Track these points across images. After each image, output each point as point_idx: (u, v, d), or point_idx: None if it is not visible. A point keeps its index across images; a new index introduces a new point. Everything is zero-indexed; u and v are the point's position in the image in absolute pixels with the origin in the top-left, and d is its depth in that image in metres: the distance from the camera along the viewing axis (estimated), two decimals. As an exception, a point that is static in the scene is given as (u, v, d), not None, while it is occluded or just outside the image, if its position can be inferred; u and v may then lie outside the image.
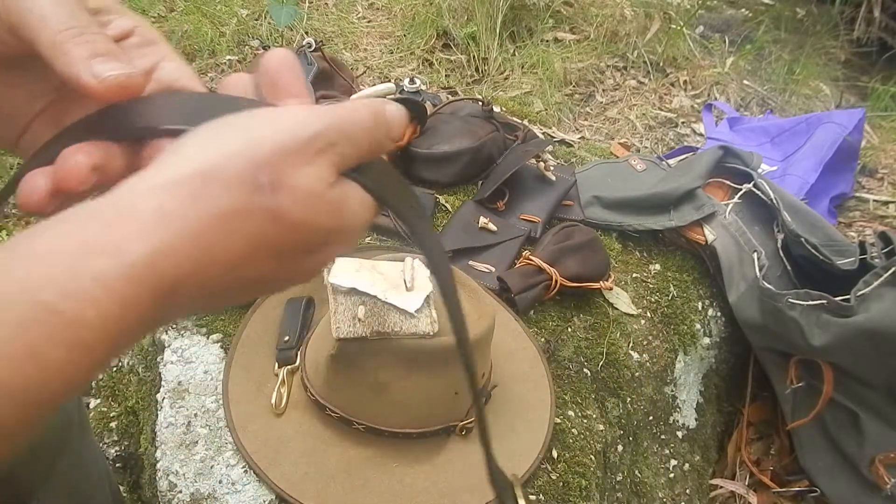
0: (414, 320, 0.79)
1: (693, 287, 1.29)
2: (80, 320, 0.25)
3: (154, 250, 0.27)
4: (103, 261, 0.26)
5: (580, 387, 1.05)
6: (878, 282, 1.13)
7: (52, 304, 0.25)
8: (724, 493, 1.32)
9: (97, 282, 0.26)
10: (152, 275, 0.27)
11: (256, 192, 0.29)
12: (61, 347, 0.24)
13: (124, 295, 0.26)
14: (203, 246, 0.28)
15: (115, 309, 0.26)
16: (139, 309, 0.27)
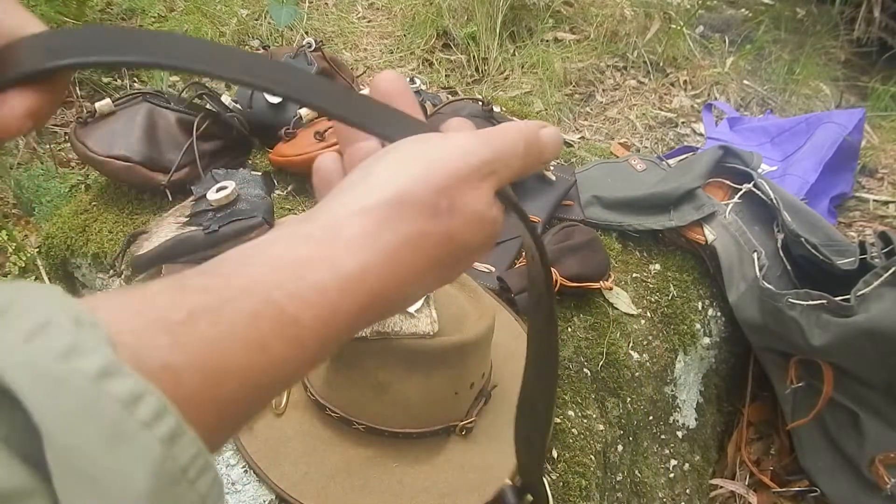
0: (414, 320, 0.79)
1: (693, 287, 1.29)
2: (298, 319, 0.28)
3: (363, 268, 0.31)
4: (321, 273, 0.30)
5: (580, 387, 1.05)
6: (878, 282, 1.13)
7: (279, 302, 0.28)
8: (724, 493, 1.32)
9: (315, 289, 0.29)
10: (360, 288, 0.31)
11: (437, 216, 0.33)
12: (283, 341, 0.28)
13: (337, 303, 0.30)
14: (397, 265, 0.32)
15: (327, 314, 0.29)
16: (346, 317, 0.30)
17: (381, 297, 0.32)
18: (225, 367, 0.26)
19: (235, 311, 0.27)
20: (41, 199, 1.53)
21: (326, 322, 0.29)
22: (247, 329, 0.27)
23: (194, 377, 0.25)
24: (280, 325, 0.28)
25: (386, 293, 0.32)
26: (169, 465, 0.22)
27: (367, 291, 0.31)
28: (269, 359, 0.27)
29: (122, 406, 0.21)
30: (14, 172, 1.58)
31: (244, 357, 0.26)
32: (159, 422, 0.22)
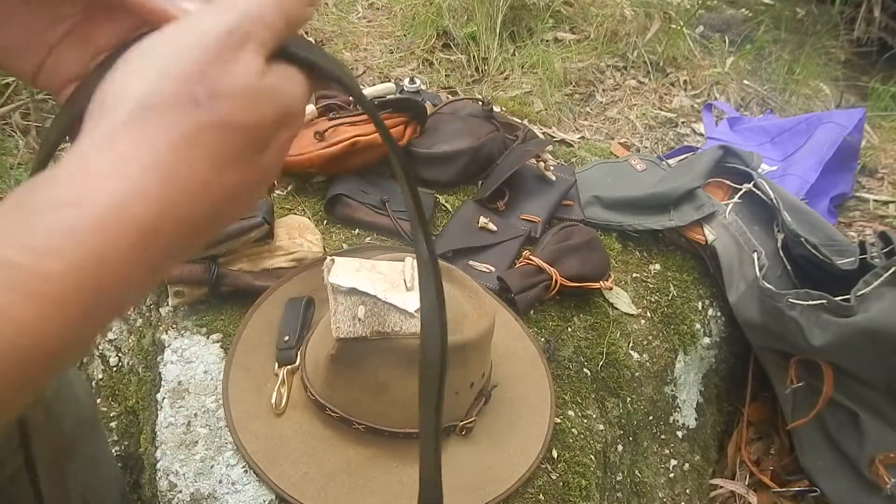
0: (414, 320, 0.79)
1: (693, 287, 1.29)
2: (45, 273, 0.24)
3: (120, 197, 0.26)
4: (69, 213, 0.25)
5: (580, 387, 1.05)
6: (878, 282, 1.13)
7: (13, 259, 0.24)
8: (724, 492, 1.32)
9: (61, 233, 0.25)
10: (126, 218, 0.26)
11: (197, 108, 0.28)
12: (26, 301, 0.24)
13: (96, 242, 0.25)
14: (167, 181, 0.27)
15: (86, 262, 0.25)
16: (118, 255, 0.26)
17: (165, 217, 0.27)
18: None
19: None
20: (41, 199, 1.52)
21: (90, 269, 0.25)
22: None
23: None
24: (19, 281, 0.23)
25: (171, 212, 0.27)
26: None
27: (139, 219, 0.26)
28: (12, 325, 0.23)
29: None
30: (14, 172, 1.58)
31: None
32: None
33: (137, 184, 0.26)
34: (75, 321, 0.25)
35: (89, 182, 0.26)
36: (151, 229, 0.27)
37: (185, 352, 0.94)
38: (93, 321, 0.26)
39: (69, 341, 0.25)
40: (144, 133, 0.27)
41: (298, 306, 0.95)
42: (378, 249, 1.09)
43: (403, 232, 1.14)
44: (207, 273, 0.94)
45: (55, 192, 0.26)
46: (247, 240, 0.97)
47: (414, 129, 1.24)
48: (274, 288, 0.98)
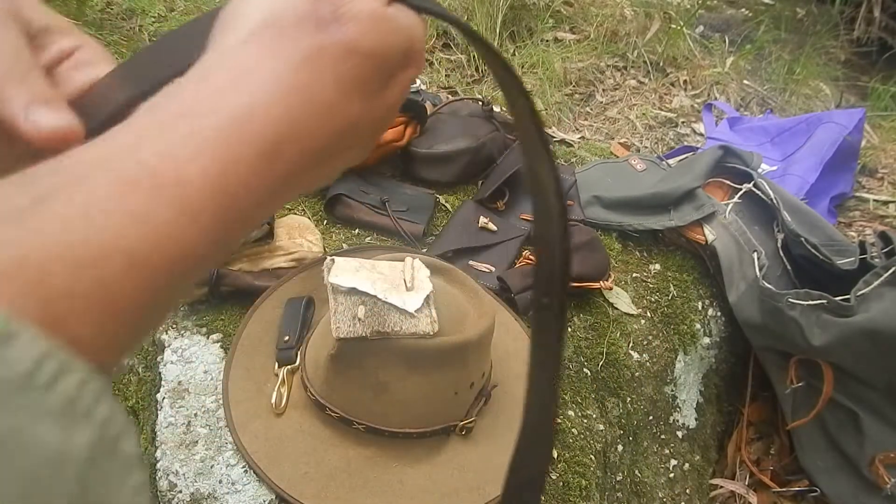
0: (414, 320, 0.79)
1: (693, 287, 1.29)
2: (179, 179, 0.24)
3: (246, 107, 0.26)
4: (198, 121, 0.25)
5: (580, 387, 1.05)
6: (878, 282, 1.13)
7: (150, 163, 0.24)
8: (724, 492, 1.32)
9: (193, 140, 0.25)
10: (250, 131, 0.26)
11: (323, 28, 0.28)
12: (169, 207, 0.23)
13: (223, 151, 0.25)
14: (294, 95, 0.27)
15: (215, 165, 0.25)
16: (245, 166, 0.26)
17: (289, 135, 0.27)
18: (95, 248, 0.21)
19: (97, 183, 0.23)
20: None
21: (219, 176, 0.25)
22: (114, 200, 0.22)
23: (58, 267, 0.21)
24: (158, 188, 0.23)
25: (295, 130, 0.27)
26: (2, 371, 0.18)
27: (263, 133, 0.26)
28: (154, 231, 0.23)
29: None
30: (14, 172, 1.58)
31: (120, 233, 0.22)
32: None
33: (258, 98, 0.26)
34: (210, 230, 0.25)
35: (212, 96, 0.26)
36: (273, 146, 0.27)
37: (185, 352, 0.94)
38: (223, 233, 0.26)
39: (204, 251, 0.25)
40: (267, 49, 0.27)
41: (298, 306, 0.95)
42: (378, 249, 1.09)
43: (403, 232, 1.14)
44: (207, 273, 0.94)
45: (182, 101, 0.26)
46: (247, 240, 0.97)
47: (414, 129, 1.24)
48: (274, 288, 0.98)
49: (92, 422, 0.19)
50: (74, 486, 0.19)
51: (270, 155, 0.26)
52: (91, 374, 0.20)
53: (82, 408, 0.19)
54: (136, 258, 0.22)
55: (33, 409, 0.18)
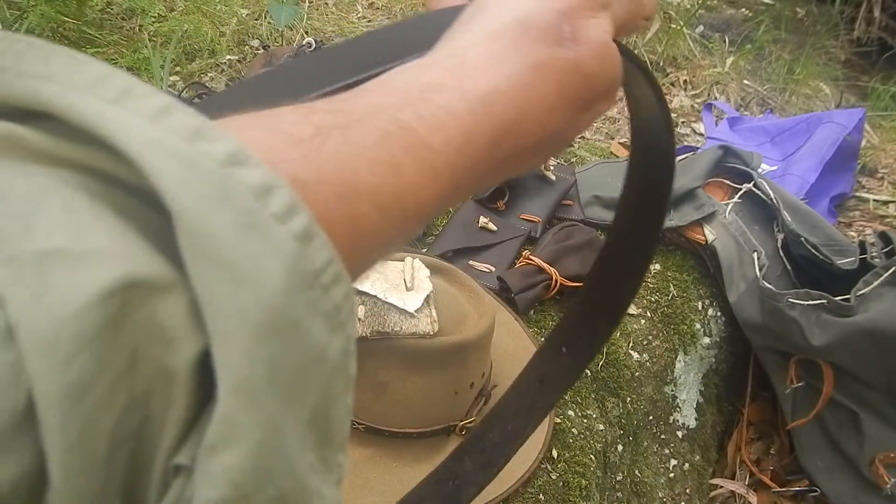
0: (414, 320, 0.79)
1: (693, 287, 1.29)
2: (429, 142, 0.26)
3: (492, 91, 0.29)
4: (450, 95, 0.28)
5: (580, 386, 1.05)
6: (878, 281, 1.13)
7: (408, 123, 0.26)
8: (724, 492, 1.32)
9: (445, 110, 0.27)
10: (489, 114, 0.28)
11: (562, 42, 0.31)
12: (414, 163, 0.26)
13: (468, 126, 0.28)
14: (526, 92, 0.30)
15: (458, 138, 0.27)
16: (477, 145, 0.28)
17: (513, 127, 0.29)
18: (356, 185, 0.24)
19: (365, 130, 0.25)
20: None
21: (458, 148, 0.27)
22: (378, 148, 0.25)
23: (326, 193, 0.23)
24: (411, 145, 0.26)
25: (518, 124, 0.30)
26: (303, 264, 0.20)
27: (498, 119, 0.29)
28: (402, 182, 0.25)
29: (253, 195, 0.19)
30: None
31: (377, 177, 0.24)
32: (292, 217, 0.20)
33: (504, 83, 0.29)
34: (440, 194, 0.27)
35: (467, 73, 0.29)
36: (502, 131, 0.29)
37: (185, 352, 0.93)
38: (448, 199, 0.28)
39: (430, 211, 0.27)
40: (517, 44, 0.30)
41: (298, 306, 0.95)
42: (378, 249, 1.09)
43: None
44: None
45: (437, 74, 0.29)
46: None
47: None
48: (274, 288, 0.98)
49: (345, 334, 0.22)
50: (322, 386, 0.21)
51: (497, 140, 0.29)
52: (351, 289, 0.22)
53: (342, 317, 0.21)
54: (383, 203, 0.25)
55: (314, 306, 0.20)
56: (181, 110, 0.20)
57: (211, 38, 1.73)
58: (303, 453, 0.20)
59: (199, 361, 0.19)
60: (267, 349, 0.19)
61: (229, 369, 0.18)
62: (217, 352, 0.18)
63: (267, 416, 0.19)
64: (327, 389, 0.21)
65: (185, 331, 0.19)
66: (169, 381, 0.18)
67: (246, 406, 0.18)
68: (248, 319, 0.18)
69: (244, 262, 0.19)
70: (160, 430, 0.18)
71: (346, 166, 0.24)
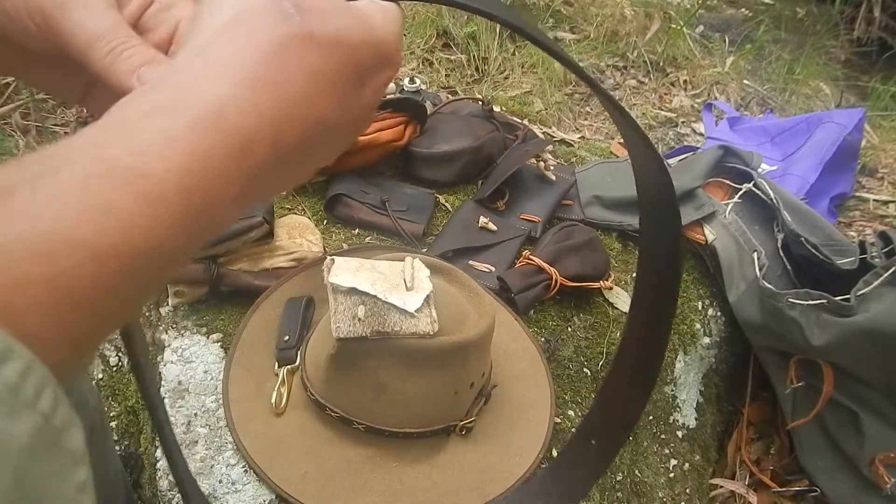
0: (414, 320, 0.79)
1: (693, 287, 1.29)
2: (148, 173, 0.24)
3: (220, 98, 0.26)
4: (165, 117, 0.26)
5: (580, 386, 1.05)
6: (878, 281, 1.13)
7: (116, 158, 0.24)
8: (724, 492, 1.32)
9: (161, 135, 0.25)
10: (222, 124, 0.26)
11: (286, 20, 0.28)
12: (133, 200, 0.23)
13: (192, 147, 0.25)
14: (262, 89, 0.27)
15: (185, 161, 0.25)
16: (215, 161, 0.26)
17: (260, 131, 0.27)
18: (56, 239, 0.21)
19: (62, 178, 0.23)
20: (41, 198, 1.52)
21: (187, 170, 0.25)
22: (79, 192, 0.23)
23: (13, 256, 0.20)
24: (123, 182, 0.23)
25: (266, 125, 0.27)
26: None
27: (234, 127, 0.26)
28: (119, 223, 0.23)
29: None
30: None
31: (86, 224, 0.22)
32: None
33: (232, 89, 0.27)
34: (179, 224, 0.25)
35: (184, 88, 0.27)
36: (247, 139, 0.27)
37: (185, 352, 0.94)
38: (194, 229, 0.26)
39: (173, 246, 0.25)
40: (237, 42, 0.28)
41: (298, 306, 0.95)
42: (378, 249, 1.09)
43: (403, 232, 1.13)
44: (207, 273, 0.94)
45: (154, 98, 0.27)
46: (247, 239, 0.97)
47: (414, 128, 1.24)
48: (274, 288, 0.98)
49: (34, 412, 0.19)
50: (10, 478, 0.18)
51: (241, 149, 0.26)
52: (34, 363, 0.19)
53: (24, 397, 0.19)
54: (97, 249, 0.22)
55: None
56: None
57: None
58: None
59: None
60: None
61: None
62: None
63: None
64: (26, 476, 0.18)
65: None
66: None
67: None
68: None
69: None
70: None
71: (46, 217, 0.22)
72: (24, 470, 0.18)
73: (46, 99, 1.75)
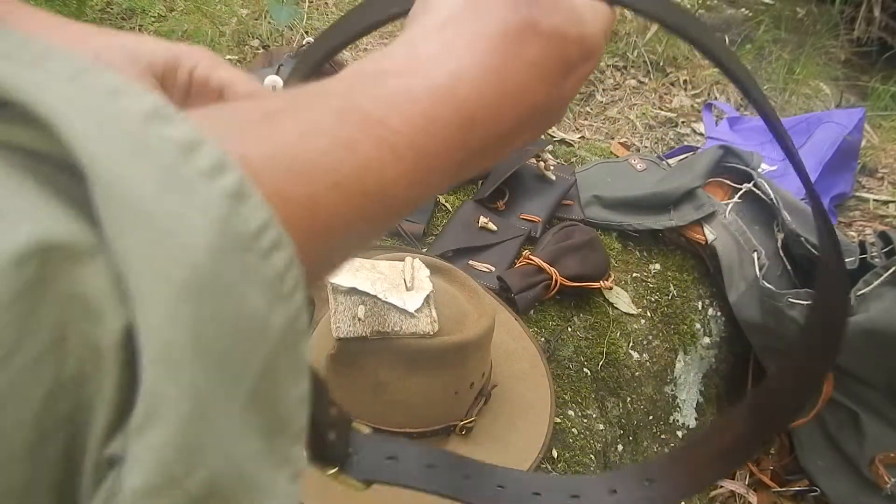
0: (414, 320, 0.79)
1: (693, 287, 1.29)
2: (385, 122, 0.26)
3: (455, 73, 0.28)
4: (408, 80, 0.27)
5: (580, 386, 1.05)
6: (878, 281, 1.13)
7: (364, 106, 0.26)
8: (724, 492, 1.32)
9: (403, 94, 0.27)
10: (455, 96, 0.28)
11: (517, 10, 0.30)
12: (370, 140, 0.25)
13: (429, 110, 0.27)
14: (489, 72, 0.29)
15: (419, 120, 0.26)
16: (444, 128, 0.27)
17: (484, 109, 0.29)
18: (308, 162, 0.23)
19: (317, 111, 0.25)
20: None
21: (421, 130, 0.26)
22: (331, 125, 0.24)
23: (276, 169, 0.22)
24: (367, 124, 0.25)
25: (490, 105, 0.29)
26: (234, 223, 0.18)
27: (464, 101, 0.28)
28: (358, 159, 0.24)
29: (177, 150, 0.18)
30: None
31: (330, 154, 0.24)
32: (221, 175, 0.18)
33: (465, 66, 0.28)
34: (404, 179, 0.26)
35: (421, 62, 0.28)
36: (471, 113, 0.28)
37: (185, 352, 0.93)
38: (419, 182, 0.27)
39: (399, 193, 0.26)
40: (469, 25, 0.29)
41: (298, 306, 0.95)
42: (378, 249, 1.09)
43: (403, 232, 1.14)
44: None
45: (392, 65, 0.28)
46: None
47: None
48: (274, 288, 0.98)
49: (290, 305, 0.20)
50: (263, 362, 0.19)
51: (467, 124, 0.28)
52: (297, 258, 0.20)
53: (286, 288, 0.19)
54: (340, 182, 0.24)
55: (252, 271, 0.18)
56: (105, 72, 0.18)
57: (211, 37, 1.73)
58: (244, 438, 0.18)
59: (129, 337, 0.17)
60: (190, 311, 0.17)
61: (150, 335, 0.16)
62: (138, 318, 0.17)
63: (193, 386, 0.17)
64: (271, 367, 0.19)
65: (111, 302, 0.17)
66: (98, 360, 0.17)
67: (169, 375, 0.16)
68: (170, 279, 0.17)
69: (165, 218, 0.17)
70: (93, 418, 0.17)
71: (296, 143, 0.23)
72: (271, 362, 0.19)
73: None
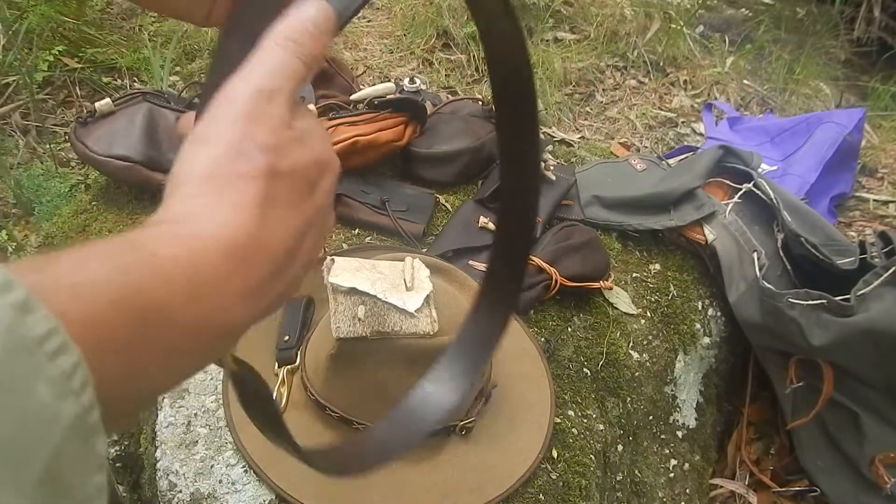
0: (414, 320, 0.79)
1: (693, 287, 1.29)
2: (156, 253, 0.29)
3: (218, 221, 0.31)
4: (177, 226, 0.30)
5: (580, 386, 1.05)
6: (878, 281, 1.13)
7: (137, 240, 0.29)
8: (724, 492, 1.32)
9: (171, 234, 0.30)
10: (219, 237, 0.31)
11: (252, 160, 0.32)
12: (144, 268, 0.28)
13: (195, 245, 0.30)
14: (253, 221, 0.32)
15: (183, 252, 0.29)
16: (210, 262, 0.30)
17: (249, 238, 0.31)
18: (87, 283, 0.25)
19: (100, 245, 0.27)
20: (41, 198, 1.53)
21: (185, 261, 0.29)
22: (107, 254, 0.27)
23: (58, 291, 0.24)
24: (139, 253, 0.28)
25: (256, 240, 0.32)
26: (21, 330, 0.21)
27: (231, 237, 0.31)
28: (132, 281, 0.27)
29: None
30: (14, 172, 1.58)
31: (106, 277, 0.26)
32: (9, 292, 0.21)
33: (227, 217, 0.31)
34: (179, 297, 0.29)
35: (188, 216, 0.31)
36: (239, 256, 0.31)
37: (185, 352, 0.93)
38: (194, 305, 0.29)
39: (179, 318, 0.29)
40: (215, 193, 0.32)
41: (298, 306, 0.95)
42: (378, 249, 1.09)
43: (403, 232, 1.14)
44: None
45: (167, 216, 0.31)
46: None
47: (414, 129, 1.24)
48: (274, 288, 0.98)
49: (79, 401, 0.22)
50: (51, 453, 0.21)
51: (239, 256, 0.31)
52: (83, 362, 0.23)
53: (74, 385, 0.22)
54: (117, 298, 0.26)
55: (38, 370, 0.21)
56: None
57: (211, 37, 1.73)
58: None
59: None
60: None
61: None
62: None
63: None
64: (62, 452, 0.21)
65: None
66: None
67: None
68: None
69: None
70: None
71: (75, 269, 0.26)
72: (63, 449, 0.21)
73: (46, 99, 1.75)
